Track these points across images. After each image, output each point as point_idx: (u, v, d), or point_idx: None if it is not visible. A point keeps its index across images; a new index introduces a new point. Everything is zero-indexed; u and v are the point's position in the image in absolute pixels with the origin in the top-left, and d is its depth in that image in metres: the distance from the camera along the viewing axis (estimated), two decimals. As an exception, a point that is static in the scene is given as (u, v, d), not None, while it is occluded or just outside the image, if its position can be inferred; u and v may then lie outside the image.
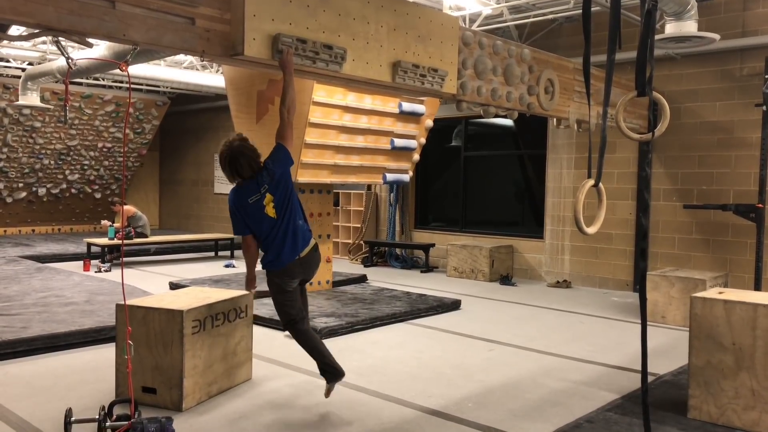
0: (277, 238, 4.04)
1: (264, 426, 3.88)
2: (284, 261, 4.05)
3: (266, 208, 4.01)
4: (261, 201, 4.00)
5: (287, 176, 4.06)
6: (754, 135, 7.81)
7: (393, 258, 11.53)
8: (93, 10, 3.04)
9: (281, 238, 4.04)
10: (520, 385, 4.75)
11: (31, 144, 13.69)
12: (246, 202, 4.02)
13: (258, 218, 4.02)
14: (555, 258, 9.81)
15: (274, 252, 4.06)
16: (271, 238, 4.04)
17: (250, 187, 4.02)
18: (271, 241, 4.05)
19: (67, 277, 8.50)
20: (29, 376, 4.76)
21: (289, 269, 4.07)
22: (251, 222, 4.05)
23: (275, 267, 4.07)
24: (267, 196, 4.00)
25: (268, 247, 4.08)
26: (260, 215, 4.01)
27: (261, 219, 4.02)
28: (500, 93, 5.57)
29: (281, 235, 4.04)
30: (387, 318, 6.72)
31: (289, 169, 4.09)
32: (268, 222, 4.02)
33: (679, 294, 6.85)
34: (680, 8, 6.27)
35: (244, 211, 4.04)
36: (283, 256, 4.04)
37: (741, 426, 3.85)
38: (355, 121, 7.62)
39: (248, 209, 4.02)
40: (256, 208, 4.01)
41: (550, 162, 9.87)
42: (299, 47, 3.79)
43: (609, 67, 3.03)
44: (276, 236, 4.04)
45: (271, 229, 4.03)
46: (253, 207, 4.01)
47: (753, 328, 3.80)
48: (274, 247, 4.05)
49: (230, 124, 8.34)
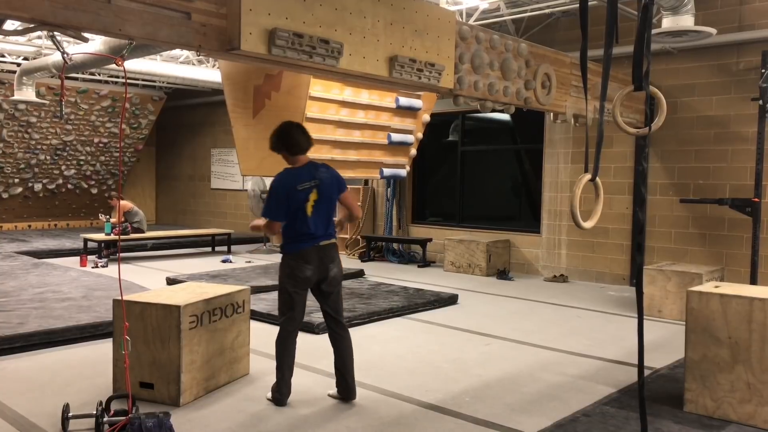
0: (303, 225, 4.08)
1: (261, 420, 3.89)
2: (302, 246, 4.10)
3: (308, 202, 4.07)
4: (308, 193, 4.07)
5: (337, 192, 4.24)
6: (751, 129, 7.82)
7: (390, 253, 11.54)
8: (88, 5, 3.03)
9: (306, 226, 4.09)
10: (518, 379, 4.76)
11: (26, 139, 13.64)
12: (295, 188, 4.06)
13: (296, 206, 4.05)
14: (552, 252, 9.83)
15: (295, 235, 4.10)
16: (297, 224, 4.09)
17: (302, 173, 4.11)
18: (296, 227, 4.09)
19: (64, 273, 8.48)
20: (26, 372, 4.76)
21: (305, 253, 4.11)
22: (290, 203, 4.05)
23: (292, 249, 4.13)
24: (314, 192, 4.09)
25: (290, 230, 4.11)
26: (301, 205, 4.06)
27: (297, 209, 4.06)
28: (497, 87, 5.56)
29: (307, 224, 4.09)
30: (384, 313, 6.72)
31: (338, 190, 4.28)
32: (303, 214, 4.07)
33: (675, 288, 6.87)
34: (677, 2, 6.28)
35: (291, 196, 4.05)
36: (302, 242, 4.10)
37: (737, 419, 3.87)
38: (352, 116, 7.61)
39: (292, 193, 4.05)
40: (301, 198, 4.06)
41: (547, 157, 9.87)
42: (295, 42, 3.78)
43: (606, 62, 3.03)
44: (302, 224, 4.08)
45: (301, 220, 4.08)
46: (301, 194, 4.06)
47: (749, 321, 3.81)
48: (296, 232, 4.10)
49: (227, 119, 8.32)
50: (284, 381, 4.17)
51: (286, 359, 4.18)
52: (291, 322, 4.21)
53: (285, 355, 4.18)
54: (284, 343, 4.20)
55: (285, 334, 4.20)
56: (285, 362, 4.17)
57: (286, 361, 4.18)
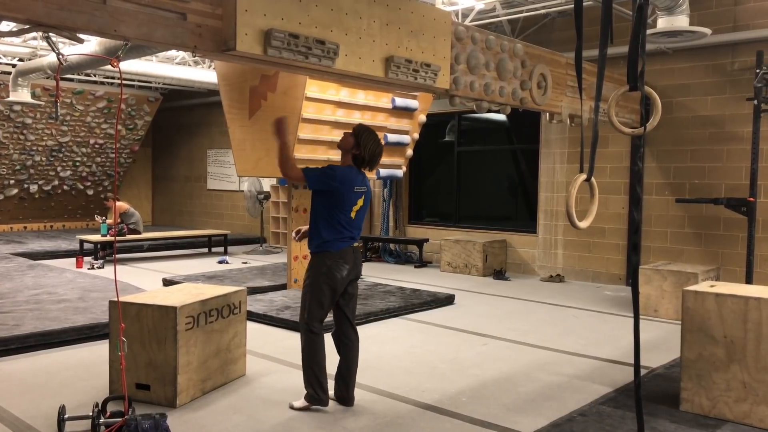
0: (346, 226, 4.06)
1: (258, 421, 3.89)
2: (341, 245, 4.05)
3: (356, 206, 4.08)
4: (359, 197, 4.09)
5: (369, 204, 4.24)
6: (746, 129, 7.84)
7: (387, 253, 11.54)
8: (83, 6, 3.02)
9: (348, 228, 4.07)
10: (514, 379, 4.76)
11: (22, 140, 13.60)
12: (352, 187, 4.05)
13: (348, 206, 4.05)
14: (548, 252, 9.84)
15: (336, 235, 4.03)
16: (340, 224, 4.04)
17: (359, 176, 4.12)
18: (338, 227, 4.04)
19: (60, 274, 8.46)
20: (22, 374, 4.74)
21: (344, 252, 4.06)
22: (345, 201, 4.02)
23: (332, 248, 4.03)
24: (362, 198, 4.12)
25: (331, 230, 4.03)
26: (351, 207, 4.06)
27: (346, 209, 4.04)
28: (493, 88, 5.57)
29: (350, 226, 4.08)
30: (381, 313, 6.72)
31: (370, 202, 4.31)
32: (348, 216, 4.05)
33: (671, 288, 6.88)
34: (672, 3, 6.29)
35: (347, 193, 4.02)
36: (342, 242, 4.05)
37: (732, 418, 3.88)
38: (348, 117, 7.61)
39: (349, 192, 4.03)
40: (354, 199, 4.06)
41: (542, 157, 9.89)
42: (291, 42, 3.78)
43: (601, 62, 3.03)
44: (346, 225, 4.06)
45: (345, 221, 4.05)
46: (355, 196, 4.07)
47: (744, 321, 3.82)
48: (337, 232, 4.04)
49: (223, 119, 8.31)
50: (322, 389, 4.04)
51: (322, 365, 4.06)
52: (320, 324, 4.08)
53: (321, 361, 4.05)
54: (315, 347, 4.05)
55: (315, 338, 4.05)
56: (321, 369, 4.04)
57: (322, 367, 4.06)
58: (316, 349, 4.06)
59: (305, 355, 4.07)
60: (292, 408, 4.07)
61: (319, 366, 4.05)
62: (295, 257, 7.74)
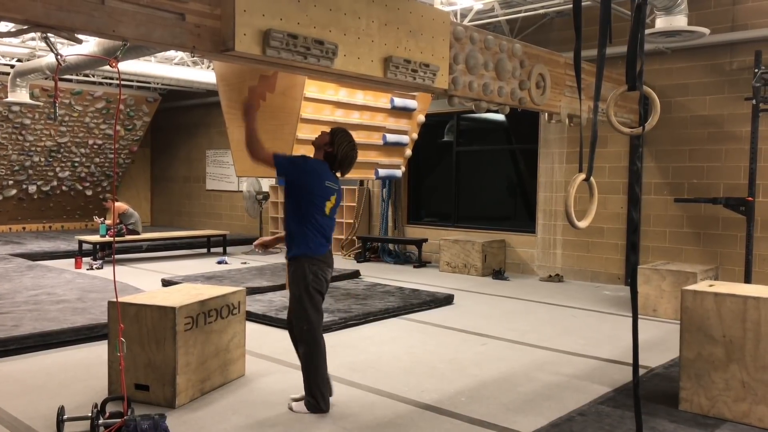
0: (324, 227, 4.03)
1: (258, 422, 3.88)
2: (321, 250, 4.01)
3: (329, 201, 4.05)
4: (331, 194, 4.05)
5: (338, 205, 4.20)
6: (744, 129, 7.85)
7: (386, 253, 11.54)
8: (82, 6, 3.02)
9: (325, 228, 4.04)
10: (513, 379, 4.77)
11: (20, 141, 13.59)
12: (323, 180, 4.02)
13: (321, 199, 4.01)
14: (547, 252, 9.85)
15: (317, 238, 3.98)
16: (318, 224, 4.00)
17: (329, 172, 4.09)
18: (317, 228, 3.99)
19: (59, 275, 8.46)
20: (21, 375, 4.74)
21: (327, 256, 4.04)
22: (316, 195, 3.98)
23: (314, 252, 3.96)
24: (335, 195, 4.09)
25: (311, 230, 3.98)
26: (324, 202, 4.02)
27: (320, 203, 4.00)
28: (492, 88, 5.57)
29: (326, 225, 4.05)
30: (380, 313, 6.72)
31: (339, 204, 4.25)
32: (322, 212, 4.02)
33: (670, 287, 6.89)
34: (670, 2, 6.30)
35: (318, 185, 3.99)
36: (322, 246, 4.02)
37: (731, 418, 3.88)
38: (346, 117, 7.60)
39: (320, 185, 4.00)
40: (327, 193, 4.04)
41: (541, 157, 9.89)
42: (290, 42, 3.77)
43: (600, 62, 3.04)
44: (323, 225, 4.02)
45: (321, 220, 4.01)
46: (327, 190, 4.04)
47: (743, 320, 3.83)
48: (316, 233, 3.99)
49: (222, 120, 8.30)
50: (324, 399, 4.01)
51: (326, 376, 4.04)
52: (320, 328, 4.04)
53: (325, 372, 4.03)
54: (321, 359, 3.99)
55: (319, 350, 4.00)
56: (324, 380, 4.01)
57: (326, 378, 4.03)
58: (322, 361, 4.02)
59: (311, 367, 4.00)
60: (291, 410, 4.06)
61: (323, 378, 4.02)
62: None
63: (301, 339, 4.02)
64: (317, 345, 4.01)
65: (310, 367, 4.01)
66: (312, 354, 4.00)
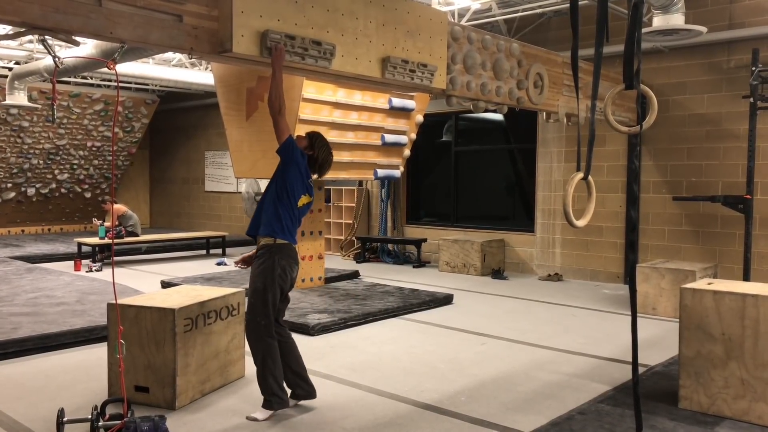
0: (294, 218, 4.05)
1: (257, 423, 3.88)
2: (288, 237, 4.01)
3: (305, 195, 4.07)
4: (307, 189, 4.08)
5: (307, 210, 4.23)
6: (742, 127, 7.86)
7: (385, 253, 11.54)
8: (79, 8, 3.02)
9: (295, 221, 4.05)
10: (513, 378, 4.77)
11: (19, 144, 13.58)
12: (304, 170, 4.06)
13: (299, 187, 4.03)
14: (546, 251, 9.85)
15: (288, 228, 4.01)
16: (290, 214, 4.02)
17: (309, 174, 4.13)
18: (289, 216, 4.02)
19: (58, 277, 8.45)
20: (20, 377, 4.74)
21: (293, 250, 4.04)
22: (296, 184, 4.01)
23: (285, 238, 3.97)
24: (307, 195, 4.10)
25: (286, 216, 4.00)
26: (300, 192, 4.04)
27: (296, 192, 4.02)
28: (490, 88, 5.58)
29: (296, 218, 4.06)
30: (380, 313, 6.73)
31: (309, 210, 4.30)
32: (296, 203, 4.03)
33: (669, 285, 6.90)
34: (667, 1, 6.30)
35: (303, 176, 4.04)
36: (291, 236, 4.03)
37: (731, 415, 3.88)
38: (345, 117, 7.61)
39: (302, 176, 4.03)
40: (306, 185, 4.07)
41: (540, 156, 9.90)
42: (288, 43, 3.78)
43: (597, 61, 3.04)
44: (294, 216, 4.04)
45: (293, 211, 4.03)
46: (303, 184, 4.05)
47: (742, 318, 3.83)
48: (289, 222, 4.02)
49: (220, 121, 8.31)
50: (282, 390, 3.98)
51: (281, 368, 4.00)
52: (272, 325, 3.99)
53: (280, 365, 3.99)
54: (275, 352, 3.97)
55: (273, 343, 3.98)
56: (280, 372, 3.99)
57: (281, 370, 4.00)
58: (276, 355, 3.98)
59: (265, 362, 3.94)
60: (255, 420, 3.90)
61: (279, 371, 3.99)
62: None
63: (258, 335, 3.95)
64: (272, 342, 3.97)
65: (267, 362, 3.94)
66: (268, 352, 3.94)
